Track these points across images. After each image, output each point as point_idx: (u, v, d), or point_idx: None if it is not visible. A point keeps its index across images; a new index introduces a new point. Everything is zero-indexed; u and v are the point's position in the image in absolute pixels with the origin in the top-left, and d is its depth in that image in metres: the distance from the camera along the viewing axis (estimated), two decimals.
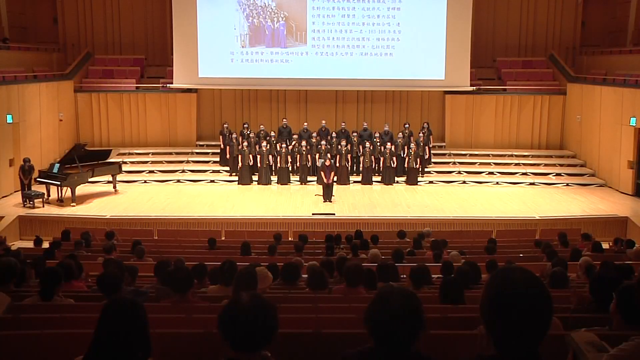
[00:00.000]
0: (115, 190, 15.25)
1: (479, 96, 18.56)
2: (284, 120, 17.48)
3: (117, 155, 16.27)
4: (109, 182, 15.62)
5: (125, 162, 16.95)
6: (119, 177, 15.59)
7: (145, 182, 16.53)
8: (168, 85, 18.23)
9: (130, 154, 17.92)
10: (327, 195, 14.40)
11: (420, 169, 16.75)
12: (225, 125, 17.29)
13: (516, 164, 17.64)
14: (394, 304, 1.88)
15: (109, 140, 18.45)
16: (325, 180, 14.34)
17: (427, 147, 16.91)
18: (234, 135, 16.64)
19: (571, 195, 15.41)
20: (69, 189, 13.91)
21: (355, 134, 16.88)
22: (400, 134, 16.97)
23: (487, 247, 9.27)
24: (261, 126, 17.31)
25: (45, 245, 9.94)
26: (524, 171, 17.19)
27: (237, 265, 5.33)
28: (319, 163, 15.71)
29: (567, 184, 16.47)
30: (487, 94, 18.65)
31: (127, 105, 18.47)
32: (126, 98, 18.47)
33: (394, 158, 16.27)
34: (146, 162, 17.61)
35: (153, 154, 18.03)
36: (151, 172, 17.08)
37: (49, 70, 18.22)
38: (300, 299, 5.11)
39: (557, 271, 5.59)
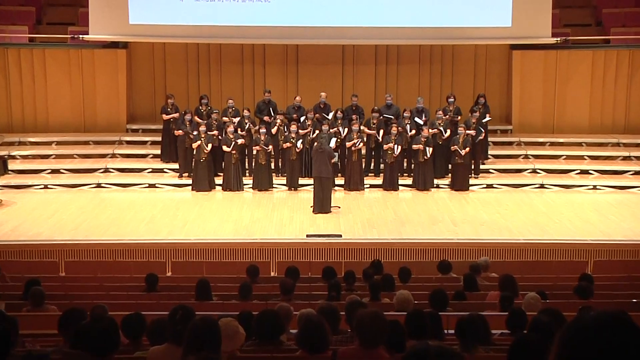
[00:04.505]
0: None
1: (566, 52, 18.56)
2: (267, 93, 17.40)
3: (0, 145, 16.24)
4: None
5: (13, 157, 16.91)
6: (3, 180, 15.57)
7: (46, 187, 16.50)
8: (81, 36, 18.20)
9: (21, 143, 17.89)
10: (318, 205, 14.42)
11: (472, 166, 16.76)
12: (169, 101, 17.27)
13: (624, 159, 17.67)
14: None
15: None
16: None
17: (483, 132, 16.90)
18: (187, 116, 16.62)
19: None
20: None
21: (375, 114, 16.88)
22: (441, 112, 16.98)
23: (579, 288, 9.25)
24: (229, 101, 17.27)
25: None
26: (637, 169, 17.23)
27: (194, 313, 5.33)
28: None
29: None
30: (580, 48, 18.66)
31: (15, 68, 18.41)
32: (14, 56, 18.41)
33: (432, 149, 16.28)
34: (48, 157, 17.58)
35: (58, 143, 18.00)
36: (56, 172, 17.06)
37: None
38: None
39: None
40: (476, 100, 17.51)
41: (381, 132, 16.56)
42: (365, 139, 16.42)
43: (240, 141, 16.05)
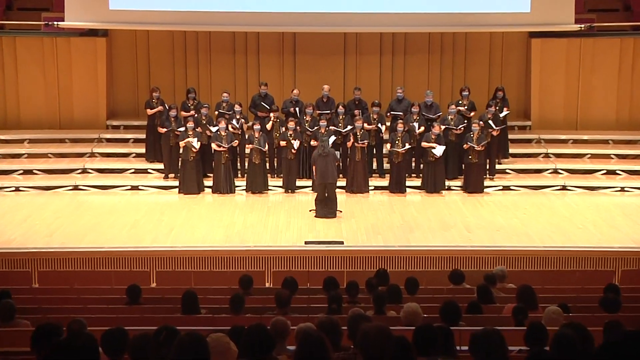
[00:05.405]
0: None
1: (591, 40, 18.55)
2: (263, 86, 17.36)
3: None
4: None
5: None
6: None
7: (17, 190, 16.50)
8: (56, 23, 18.16)
9: None
10: (322, 209, 14.42)
11: (487, 166, 16.76)
12: (154, 95, 17.27)
13: None
14: None
15: None
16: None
17: (498, 127, 16.87)
18: (172, 112, 16.61)
19: None
20: None
21: (376, 108, 16.87)
22: (454, 106, 16.97)
23: (605, 300, 9.23)
24: (224, 95, 17.16)
25: None
26: None
27: (179, 332, 5.30)
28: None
29: None
30: (606, 35, 18.64)
31: None
32: None
33: (444, 147, 16.26)
34: (19, 156, 17.61)
35: (31, 142, 18.02)
36: (28, 172, 17.06)
37: None
38: None
39: None
40: (494, 94, 17.45)
41: (383, 128, 16.55)
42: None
43: (234, 143, 16.04)
